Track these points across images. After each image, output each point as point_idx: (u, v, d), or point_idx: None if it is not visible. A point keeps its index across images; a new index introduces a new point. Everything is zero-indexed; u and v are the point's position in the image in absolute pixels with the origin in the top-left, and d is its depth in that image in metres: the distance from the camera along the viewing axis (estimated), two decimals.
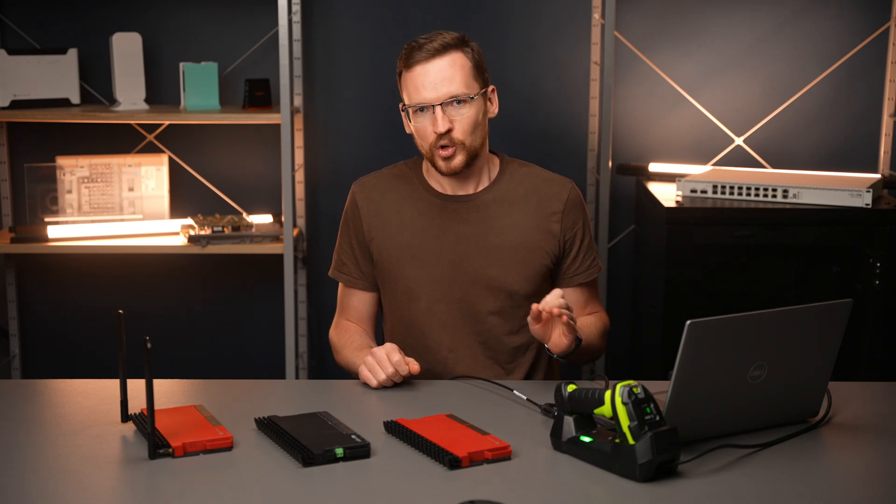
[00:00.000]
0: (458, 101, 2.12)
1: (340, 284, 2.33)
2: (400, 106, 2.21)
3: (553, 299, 1.96)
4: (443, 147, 2.13)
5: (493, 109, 2.22)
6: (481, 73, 2.17)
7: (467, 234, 2.21)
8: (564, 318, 1.96)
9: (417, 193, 2.26)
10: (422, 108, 2.13)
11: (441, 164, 2.15)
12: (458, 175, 2.19)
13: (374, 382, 2.02)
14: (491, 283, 2.20)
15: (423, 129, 2.15)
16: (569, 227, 2.24)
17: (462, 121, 2.12)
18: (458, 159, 2.15)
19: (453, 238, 2.21)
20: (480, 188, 2.24)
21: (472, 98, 2.13)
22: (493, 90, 2.21)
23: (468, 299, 2.21)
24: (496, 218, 2.22)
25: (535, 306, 1.96)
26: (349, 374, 2.23)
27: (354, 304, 2.31)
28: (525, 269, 2.21)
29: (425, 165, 2.28)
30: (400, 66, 2.17)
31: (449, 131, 2.12)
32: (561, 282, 2.28)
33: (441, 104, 2.11)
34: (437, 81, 2.11)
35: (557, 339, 2.01)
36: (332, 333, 2.31)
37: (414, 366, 2.03)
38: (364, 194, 2.28)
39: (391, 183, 2.28)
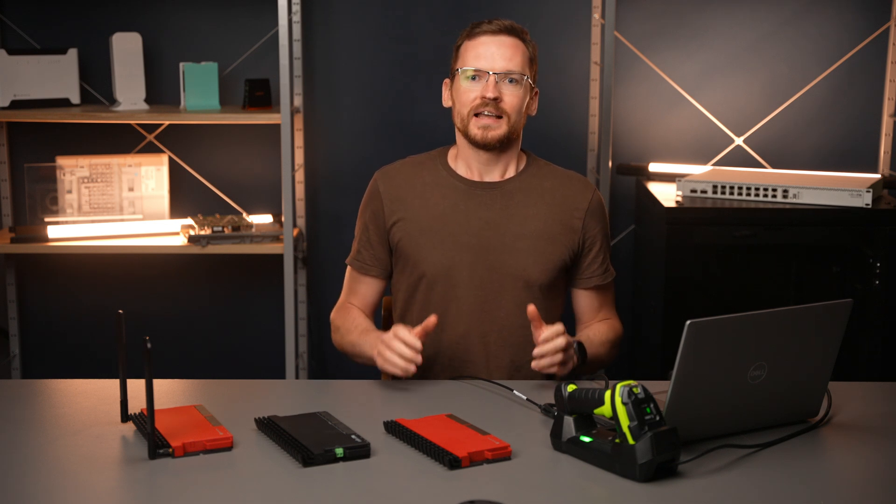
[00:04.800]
0: (512, 79, 2.19)
1: (350, 268, 2.34)
2: (445, 81, 2.28)
3: (550, 342, 2.01)
4: (485, 115, 2.18)
5: (533, 108, 2.28)
6: (533, 68, 2.25)
7: (489, 221, 2.24)
8: (557, 369, 2.03)
9: (441, 178, 2.28)
10: (474, 77, 2.19)
11: (476, 132, 2.20)
12: (491, 150, 2.22)
13: (399, 371, 2.01)
14: (509, 271, 2.21)
15: (468, 92, 2.20)
16: (590, 227, 2.27)
17: (512, 96, 2.19)
18: (498, 132, 2.19)
19: (475, 223, 2.23)
20: (507, 176, 2.28)
21: (525, 80, 2.20)
22: (536, 92, 2.27)
23: (486, 286, 2.22)
24: (520, 207, 2.25)
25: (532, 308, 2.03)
26: (347, 355, 2.25)
27: (362, 291, 2.33)
28: (544, 260, 2.22)
29: (452, 152, 2.31)
30: (461, 38, 2.25)
31: (497, 100, 2.17)
32: (577, 283, 2.30)
33: (496, 75, 2.17)
34: (498, 55, 2.19)
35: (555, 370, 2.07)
36: (335, 315, 2.32)
37: (430, 321, 2.04)
38: (386, 180, 2.30)
39: (414, 169, 2.31)
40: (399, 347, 1.99)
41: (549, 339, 2.00)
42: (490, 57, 2.18)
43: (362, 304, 2.33)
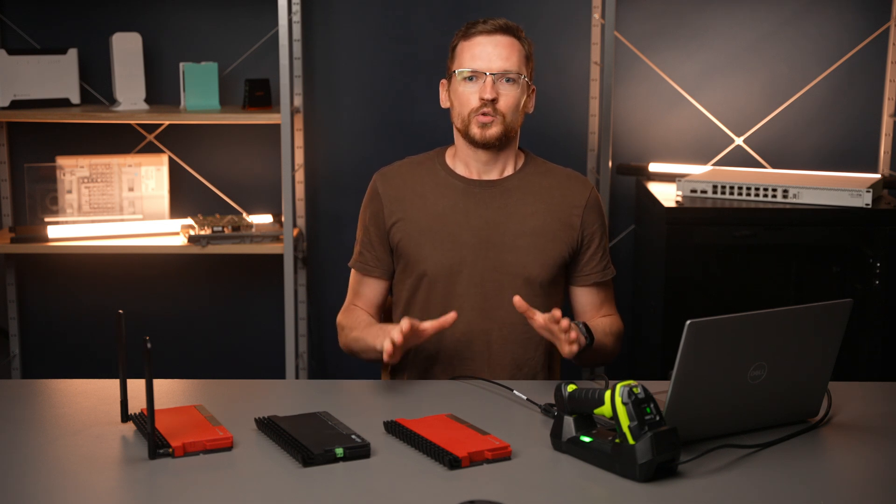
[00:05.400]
0: (509, 78, 2.19)
1: (354, 270, 2.35)
2: (442, 82, 2.28)
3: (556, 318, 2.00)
4: (483, 115, 2.19)
5: (530, 105, 2.28)
6: (530, 66, 2.25)
7: (488, 219, 2.24)
8: (573, 334, 1.99)
9: (440, 178, 2.28)
10: (471, 77, 2.20)
11: (477, 130, 2.20)
12: (489, 149, 2.23)
13: (388, 346, 2.00)
14: (510, 269, 2.22)
15: (466, 94, 2.21)
16: (588, 224, 2.28)
17: (508, 96, 2.20)
18: (496, 129, 2.20)
19: (475, 222, 2.24)
20: (505, 175, 2.28)
21: (522, 79, 2.20)
22: (533, 90, 2.27)
23: (486, 284, 2.22)
24: (518, 205, 2.25)
25: (528, 310, 2.01)
26: (353, 353, 2.25)
27: (365, 292, 2.33)
28: (543, 258, 2.23)
29: (451, 151, 2.32)
30: (456, 39, 2.25)
31: (494, 101, 2.18)
32: (576, 280, 2.30)
33: (493, 76, 2.18)
34: (494, 55, 2.19)
35: (561, 348, 2.03)
36: (340, 316, 2.32)
37: (448, 317, 2.04)
38: (385, 181, 2.31)
39: (413, 169, 2.32)
40: (393, 333, 1.99)
41: (559, 319, 1.99)
42: (486, 57, 2.19)
43: (367, 306, 2.33)
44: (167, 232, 3.33)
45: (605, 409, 1.62)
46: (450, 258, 2.23)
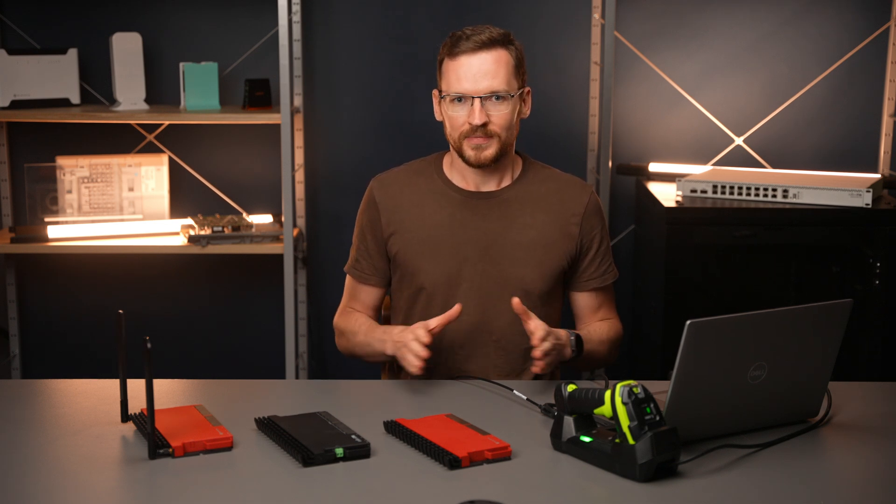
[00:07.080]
0: (497, 97, 2.13)
1: (349, 275, 2.34)
2: (434, 92, 2.22)
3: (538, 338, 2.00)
4: (475, 137, 2.14)
5: (526, 110, 2.23)
6: (521, 72, 2.19)
7: (487, 231, 2.22)
8: (540, 365, 2.01)
9: (438, 188, 2.26)
10: (459, 98, 2.14)
11: (470, 153, 2.16)
12: (485, 168, 2.20)
13: (418, 367, 2.01)
14: (508, 280, 2.20)
15: (456, 118, 2.16)
16: (587, 230, 2.26)
17: (499, 116, 2.14)
18: (490, 151, 2.16)
19: (473, 234, 2.22)
20: (503, 185, 2.26)
21: (512, 96, 2.15)
22: (528, 91, 2.22)
23: (485, 295, 2.21)
24: (517, 216, 2.23)
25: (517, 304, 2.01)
26: (355, 356, 2.25)
27: (362, 297, 2.32)
28: (542, 268, 2.21)
29: (447, 160, 2.29)
30: (442, 54, 2.18)
31: (485, 124, 2.13)
32: (575, 285, 2.28)
33: (480, 98, 2.12)
34: (480, 75, 2.13)
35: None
36: (338, 320, 2.31)
37: (453, 311, 2.04)
38: (383, 190, 2.28)
39: (410, 178, 2.28)
40: (415, 348, 2.00)
41: (542, 340, 1.99)
42: (472, 78, 2.12)
43: (364, 310, 2.32)
44: (167, 232, 3.33)
45: (605, 409, 1.63)
46: (448, 270, 2.22)
